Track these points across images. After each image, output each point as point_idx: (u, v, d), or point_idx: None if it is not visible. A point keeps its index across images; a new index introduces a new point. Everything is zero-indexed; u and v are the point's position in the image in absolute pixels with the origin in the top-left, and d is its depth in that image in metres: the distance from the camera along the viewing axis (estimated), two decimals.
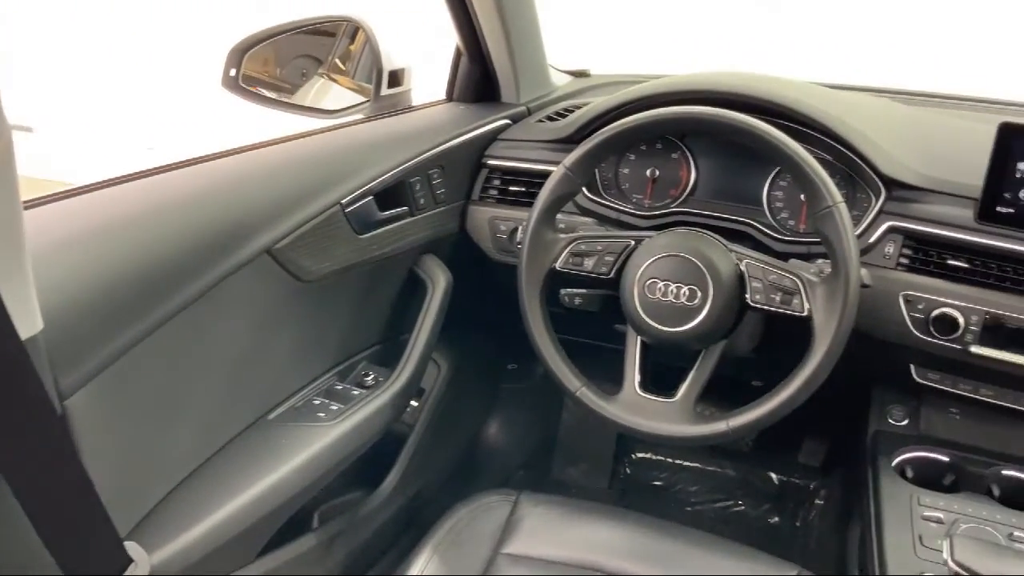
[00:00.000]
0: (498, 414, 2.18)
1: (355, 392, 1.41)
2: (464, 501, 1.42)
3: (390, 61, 1.67)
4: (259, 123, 1.71)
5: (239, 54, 1.64)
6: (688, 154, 1.53)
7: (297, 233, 1.26)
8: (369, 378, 1.47)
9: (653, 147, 1.55)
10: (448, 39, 1.74)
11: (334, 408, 1.35)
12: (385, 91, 1.66)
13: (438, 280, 1.53)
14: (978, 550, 1.05)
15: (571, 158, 1.31)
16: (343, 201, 1.34)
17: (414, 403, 1.72)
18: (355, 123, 1.60)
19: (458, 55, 1.74)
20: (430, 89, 1.82)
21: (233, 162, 1.33)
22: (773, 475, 2.17)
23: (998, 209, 1.28)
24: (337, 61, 1.79)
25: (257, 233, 1.20)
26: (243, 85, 1.65)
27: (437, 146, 1.54)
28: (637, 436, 1.30)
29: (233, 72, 1.64)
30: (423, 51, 1.90)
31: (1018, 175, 1.25)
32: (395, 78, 1.69)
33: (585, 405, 1.30)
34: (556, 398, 2.21)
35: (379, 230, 1.43)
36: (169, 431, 1.14)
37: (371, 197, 1.40)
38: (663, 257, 1.26)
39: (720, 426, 1.22)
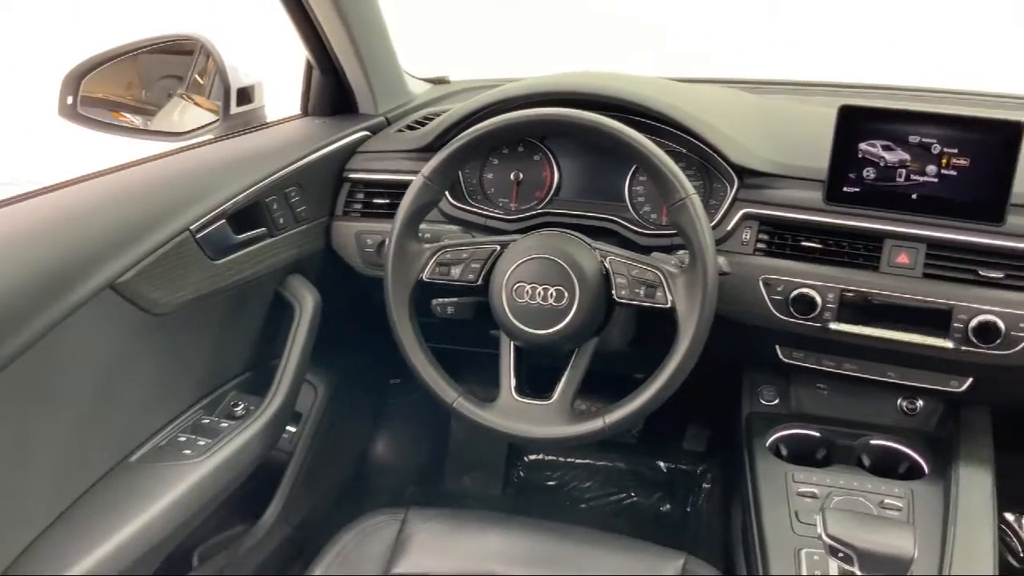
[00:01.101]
0: (385, 431, 2.14)
1: (224, 424, 1.36)
2: (350, 525, 1.38)
3: (238, 78, 1.61)
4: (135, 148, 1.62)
5: (75, 80, 1.54)
6: (550, 155, 1.53)
7: (143, 264, 1.19)
8: (239, 408, 1.41)
9: (516, 150, 1.55)
10: None
11: (201, 443, 1.30)
12: (235, 109, 1.60)
13: (305, 300, 1.48)
14: (850, 521, 1.08)
15: (429, 167, 1.29)
16: (193, 227, 1.28)
17: (292, 429, 1.66)
18: (204, 144, 1.54)
19: (309, 68, 1.69)
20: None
21: (74, 192, 1.26)
22: (661, 464, 2.21)
23: (844, 189, 1.32)
24: (197, 78, 1.71)
25: (99, 267, 1.13)
26: (83, 112, 1.55)
27: (293, 163, 1.49)
28: (516, 442, 1.29)
29: (70, 99, 1.54)
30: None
31: (860, 155, 1.30)
32: (245, 95, 1.63)
33: (463, 415, 1.29)
34: (444, 409, 2.19)
35: (236, 254, 1.37)
36: (21, 480, 1.07)
37: (224, 220, 1.34)
38: (528, 260, 1.25)
39: (597, 424, 1.23)
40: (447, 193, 1.52)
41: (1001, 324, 1.25)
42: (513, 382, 1.30)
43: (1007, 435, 1.42)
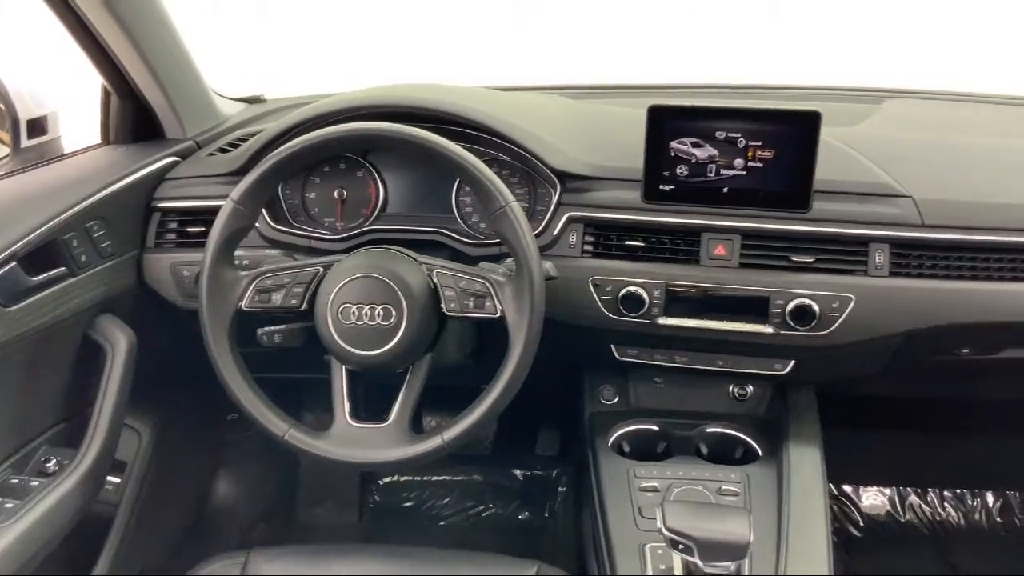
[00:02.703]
0: (227, 469, 2.04)
1: (34, 483, 1.25)
2: (187, 573, 1.29)
3: (28, 107, 1.49)
4: None
5: None
6: (374, 171, 1.49)
7: None
8: (51, 464, 1.31)
9: (337, 167, 1.50)
10: None
11: (9, 506, 1.20)
12: (26, 142, 1.48)
13: (118, 341, 1.38)
14: (688, 513, 1.10)
15: (238, 190, 1.23)
16: None
17: (116, 480, 1.55)
18: None
19: (106, 94, 1.58)
20: None
21: None
22: (517, 472, 2.21)
23: (660, 187, 1.36)
24: None
25: None
26: None
27: (93, 195, 1.38)
28: (354, 469, 1.25)
29: None
30: None
31: (672, 154, 1.34)
32: (37, 126, 1.51)
33: (295, 447, 1.23)
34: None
35: (33, 298, 1.26)
36: None
37: (15, 263, 1.23)
38: (352, 280, 1.21)
39: (436, 442, 1.20)
40: (267, 216, 1.46)
41: (815, 306, 1.31)
42: (347, 407, 1.25)
43: (833, 412, 1.50)
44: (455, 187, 1.47)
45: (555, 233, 1.40)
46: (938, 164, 1.45)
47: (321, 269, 1.25)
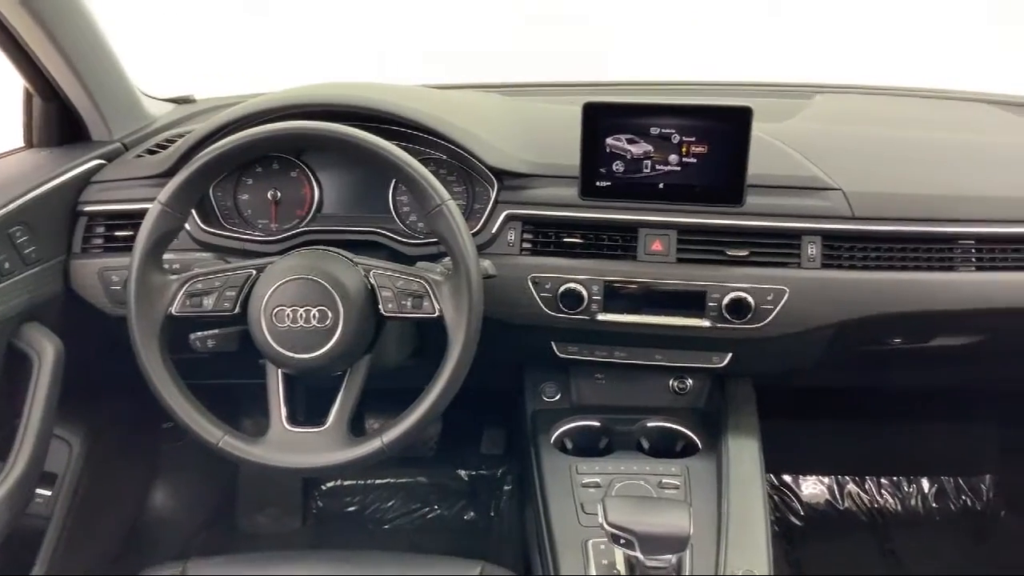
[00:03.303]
0: (165, 477, 1.99)
1: None
2: None
3: None
4: None
5: None
6: (308, 171, 1.47)
7: None
8: None
9: (270, 167, 1.47)
10: None
11: None
12: None
13: (44, 350, 1.34)
14: (628, 507, 1.11)
15: (165, 192, 1.20)
16: None
17: (46, 492, 1.50)
18: None
19: (28, 96, 1.53)
20: None
21: None
22: (462, 472, 2.20)
23: (597, 184, 1.36)
24: None
25: None
26: None
27: (14, 200, 1.33)
28: (292, 475, 1.23)
29: None
30: None
31: (608, 150, 1.34)
32: None
33: (230, 455, 1.20)
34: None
35: None
36: None
37: None
38: (286, 282, 1.19)
39: (375, 444, 1.19)
40: (198, 218, 1.43)
41: (750, 299, 1.33)
42: (284, 412, 1.23)
43: (772, 403, 1.52)
44: (392, 187, 1.46)
45: (493, 231, 1.39)
46: (867, 157, 1.48)
47: (254, 272, 1.23)
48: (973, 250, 1.37)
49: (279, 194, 1.47)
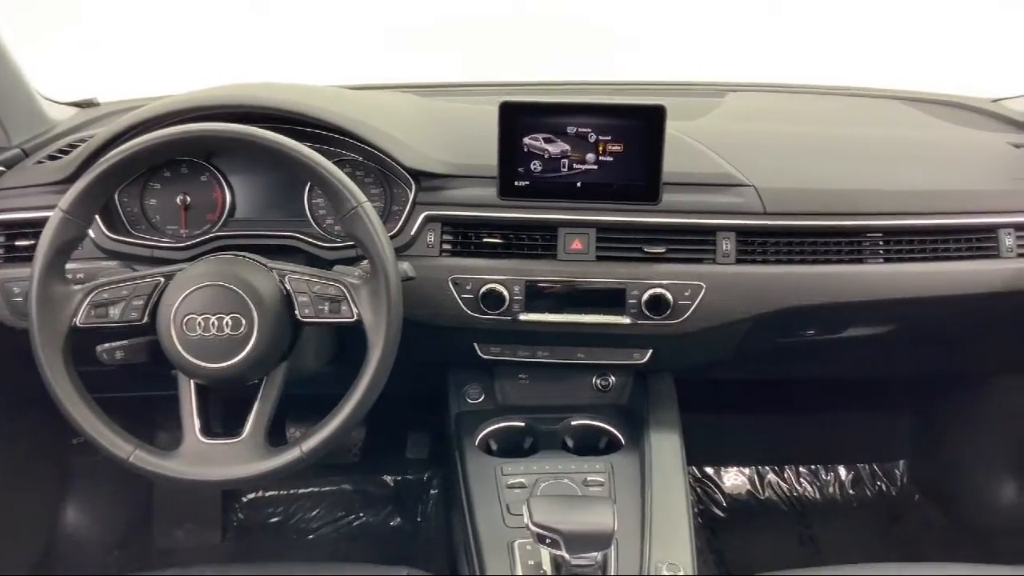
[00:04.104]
0: (76, 495, 1.92)
1: None
2: None
3: None
4: None
5: None
6: (219, 175, 1.43)
7: None
8: None
9: (179, 172, 1.43)
10: None
11: None
12: None
13: None
14: (553, 506, 1.11)
15: (66, 199, 1.15)
16: None
17: None
18: None
19: None
20: None
21: None
22: (388, 478, 2.18)
23: (515, 184, 1.36)
24: None
25: None
26: None
27: None
28: (208, 488, 1.19)
29: None
30: None
31: (525, 149, 1.34)
32: None
33: (142, 469, 1.16)
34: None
35: None
36: None
37: None
38: (197, 289, 1.15)
39: (294, 453, 1.16)
40: (102, 225, 1.37)
41: (669, 296, 1.34)
42: (198, 423, 1.19)
43: (692, 397, 1.54)
44: (307, 189, 1.43)
45: (412, 233, 1.38)
46: (778, 154, 1.52)
47: (162, 279, 1.18)
48: (881, 242, 1.41)
49: (188, 199, 1.42)
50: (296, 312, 1.19)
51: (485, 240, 1.38)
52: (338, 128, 1.37)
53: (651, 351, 1.45)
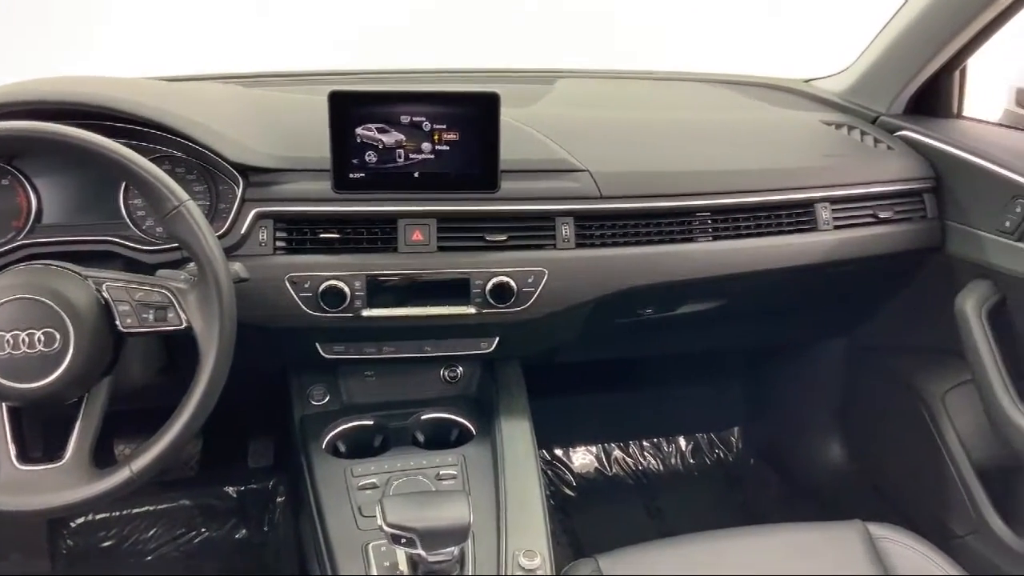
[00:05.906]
0: None
1: None
2: None
3: None
4: None
5: None
6: (22, 177, 1.30)
7: None
8: None
9: None
10: None
11: None
12: None
13: None
14: (406, 505, 1.08)
15: None
16: None
17: None
18: None
19: None
20: None
21: None
22: (230, 489, 2.07)
23: (350, 176, 1.31)
24: None
25: None
26: None
27: None
28: (30, 518, 1.09)
29: None
30: None
31: (359, 140, 1.30)
32: None
33: None
34: None
35: None
36: None
37: None
38: (3, 304, 1.05)
39: (124, 474, 1.08)
40: None
41: (512, 283, 1.34)
42: (13, 449, 1.08)
43: (539, 381, 1.55)
44: (122, 189, 1.33)
45: (243, 231, 1.30)
46: (611, 138, 1.55)
47: None
48: (709, 221, 1.47)
49: None
50: (117, 323, 1.10)
51: (321, 236, 1.33)
52: (154, 123, 1.27)
53: (497, 339, 1.45)
